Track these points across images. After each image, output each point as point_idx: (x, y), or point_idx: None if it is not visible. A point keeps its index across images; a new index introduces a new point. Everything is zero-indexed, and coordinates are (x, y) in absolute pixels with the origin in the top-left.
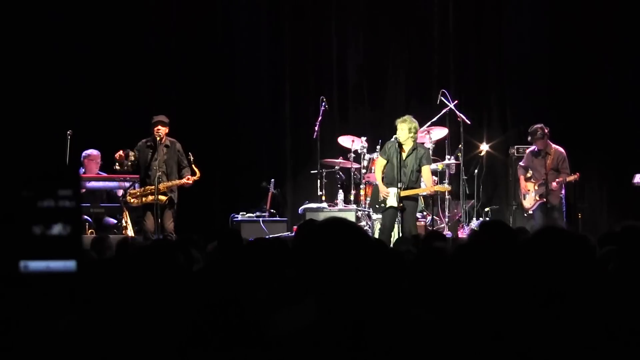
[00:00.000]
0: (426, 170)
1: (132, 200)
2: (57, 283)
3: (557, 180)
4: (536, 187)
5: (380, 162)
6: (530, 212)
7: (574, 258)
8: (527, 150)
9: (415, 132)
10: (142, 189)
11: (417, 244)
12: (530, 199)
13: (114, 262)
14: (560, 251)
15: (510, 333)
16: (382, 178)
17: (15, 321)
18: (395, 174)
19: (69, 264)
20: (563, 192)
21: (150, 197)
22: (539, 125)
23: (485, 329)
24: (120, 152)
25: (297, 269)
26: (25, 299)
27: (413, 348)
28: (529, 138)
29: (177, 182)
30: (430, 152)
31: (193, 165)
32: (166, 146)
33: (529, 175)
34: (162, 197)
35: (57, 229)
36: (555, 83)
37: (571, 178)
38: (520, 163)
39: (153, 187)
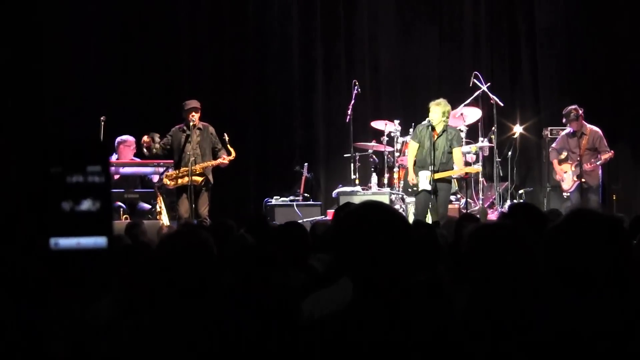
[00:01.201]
0: (457, 152)
1: (168, 182)
2: (88, 260)
3: (591, 161)
4: (573, 168)
5: (412, 146)
6: (569, 193)
7: (606, 241)
8: (562, 133)
9: (448, 117)
10: (177, 171)
11: (448, 227)
12: (568, 180)
13: (138, 248)
14: (591, 234)
15: (534, 316)
16: (415, 162)
17: (49, 300)
18: (427, 157)
19: (100, 241)
20: (600, 172)
21: (186, 179)
22: (572, 107)
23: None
24: (145, 138)
25: (335, 251)
26: (57, 276)
27: (447, 328)
28: (563, 120)
29: (213, 162)
30: (463, 135)
31: (228, 145)
32: (199, 129)
33: (562, 157)
34: (198, 179)
35: (86, 204)
36: (588, 63)
37: (607, 156)
38: (553, 145)
39: (187, 168)
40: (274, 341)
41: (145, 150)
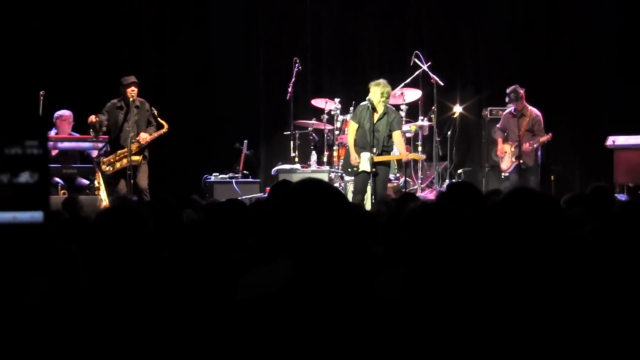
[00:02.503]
0: (397, 135)
1: (107, 169)
2: (24, 235)
3: (529, 142)
4: (512, 149)
5: (352, 127)
6: (507, 174)
7: (544, 219)
8: (504, 112)
9: (388, 97)
10: (114, 155)
11: (389, 206)
12: (507, 161)
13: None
14: (530, 212)
15: (475, 294)
16: (355, 142)
17: None
18: (368, 138)
19: (36, 215)
20: (539, 153)
21: (125, 161)
22: (515, 87)
23: (451, 289)
24: (93, 118)
25: (272, 228)
26: None
27: (384, 308)
28: (506, 99)
29: (154, 135)
30: (403, 114)
31: (159, 119)
32: (136, 107)
33: (505, 135)
34: (136, 158)
35: (24, 177)
36: (527, 44)
37: (544, 139)
38: (497, 125)
39: (125, 150)
40: (212, 319)
41: (91, 130)
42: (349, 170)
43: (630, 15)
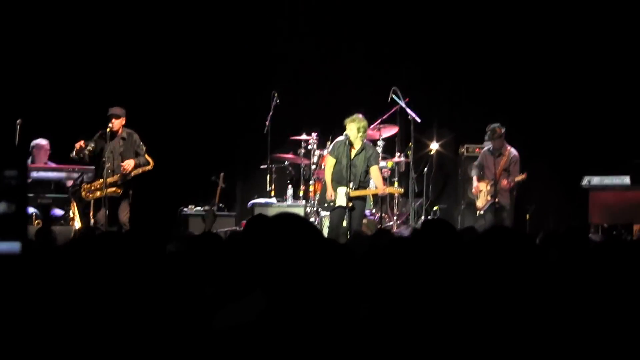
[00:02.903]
0: (375, 170)
1: (88, 195)
2: (1, 265)
3: (506, 180)
4: (488, 187)
5: (329, 162)
6: (482, 212)
7: (519, 257)
8: (482, 150)
9: (365, 132)
10: (90, 184)
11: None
12: (482, 199)
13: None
14: (506, 250)
15: (452, 328)
16: (332, 177)
17: None
18: (345, 173)
19: (14, 246)
20: (514, 193)
21: (98, 193)
22: (496, 125)
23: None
24: (81, 143)
25: (247, 262)
26: None
27: (357, 343)
28: (485, 137)
29: (138, 170)
30: (380, 150)
31: (147, 155)
32: (122, 138)
33: (481, 173)
34: (112, 189)
35: (1, 207)
36: (505, 83)
37: (519, 178)
38: (475, 163)
39: (108, 179)
40: (185, 351)
41: (74, 151)
42: (325, 205)
43: (603, 58)
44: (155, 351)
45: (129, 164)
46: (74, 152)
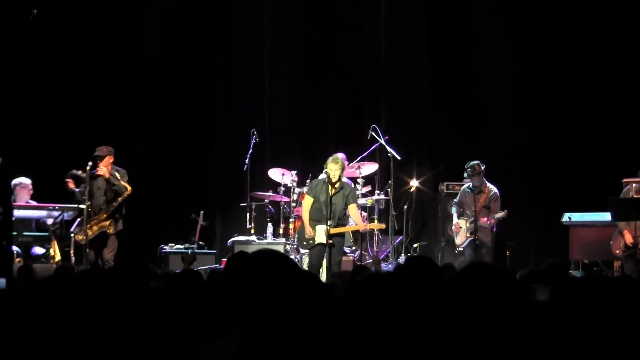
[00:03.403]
0: (353, 208)
1: (80, 238)
2: None
3: (486, 217)
4: (467, 224)
5: (307, 201)
6: (461, 249)
7: (500, 293)
8: (462, 187)
9: (343, 171)
10: (82, 227)
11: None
12: (461, 236)
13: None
14: (487, 287)
15: None
16: (310, 216)
17: None
18: (325, 211)
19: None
20: (495, 229)
21: (95, 227)
22: (476, 162)
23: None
24: (69, 181)
25: (228, 298)
26: None
27: None
28: (465, 174)
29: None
30: (360, 187)
31: (122, 182)
32: (106, 180)
33: (460, 210)
34: (105, 224)
35: None
36: (483, 120)
37: (499, 215)
38: (454, 200)
39: (95, 217)
40: None
41: (73, 190)
42: (304, 243)
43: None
44: None
45: (103, 170)
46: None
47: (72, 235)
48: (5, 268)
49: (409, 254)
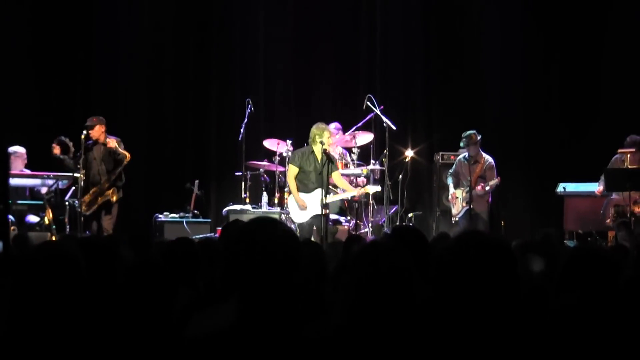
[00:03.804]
0: (337, 175)
1: (84, 209)
2: None
3: (481, 184)
4: (463, 194)
5: (293, 171)
6: (457, 219)
7: (495, 261)
8: (458, 157)
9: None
10: (89, 194)
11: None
12: (458, 206)
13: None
14: (481, 255)
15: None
16: (298, 187)
17: None
18: (317, 180)
19: None
20: (490, 199)
21: (99, 199)
22: (472, 132)
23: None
24: (55, 148)
25: (224, 267)
26: None
27: (331, 350)
28: (461, 144)
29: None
30: (355, 157)
31: (121, 150)
32: (104, 144)
33: (456, 181)
34: (110, 193)
35: None
36: (480, 90)
37: (493, 182)
38: (450, 170)
39: (96, 187)
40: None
41: (58, 156)
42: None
43: (575, 63)
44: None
45: (110, 143)
46: (59, 155)
47: (67, 203)
48: (2, 232)
49: (402, 224)
